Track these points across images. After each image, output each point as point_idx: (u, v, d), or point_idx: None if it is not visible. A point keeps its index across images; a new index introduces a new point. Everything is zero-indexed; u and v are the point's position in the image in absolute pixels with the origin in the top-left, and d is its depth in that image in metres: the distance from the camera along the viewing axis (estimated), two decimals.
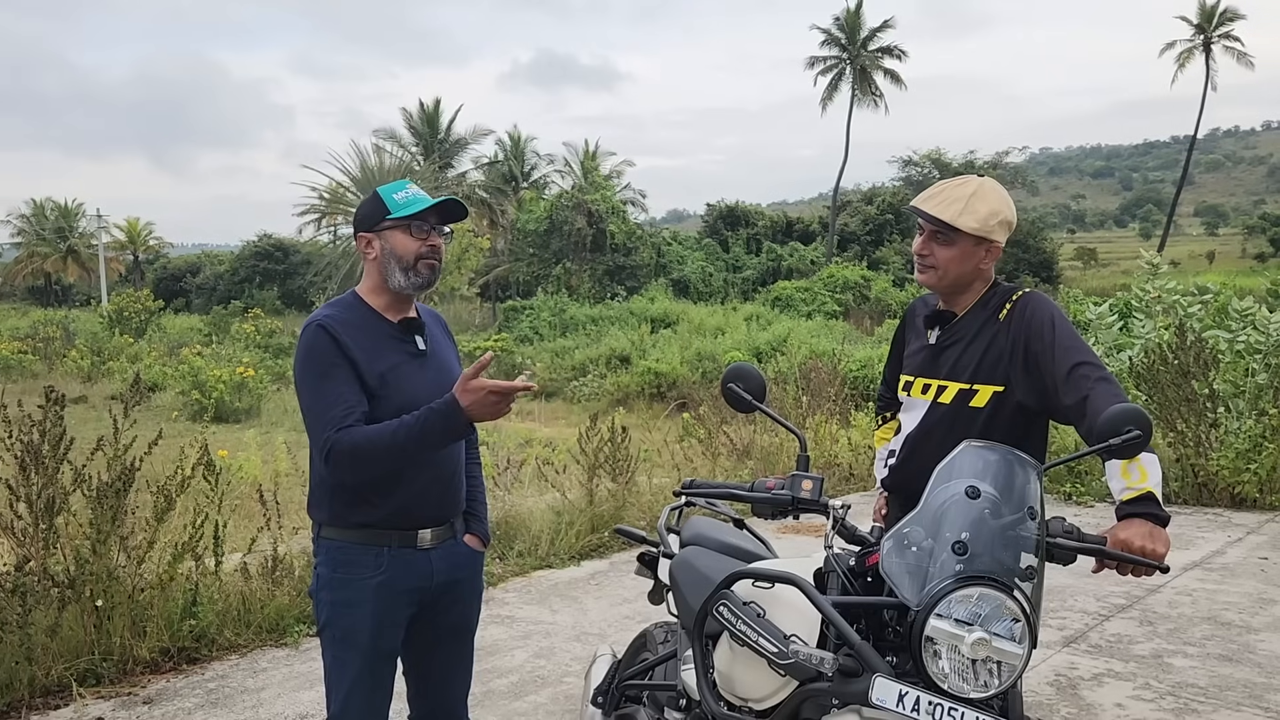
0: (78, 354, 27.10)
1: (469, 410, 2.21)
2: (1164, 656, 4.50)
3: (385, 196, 2.47)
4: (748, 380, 2.35)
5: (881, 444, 2.79)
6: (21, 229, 65.28)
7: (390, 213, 2.44)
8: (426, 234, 2.46)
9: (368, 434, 2.26)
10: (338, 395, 2.31)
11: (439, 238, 2.49)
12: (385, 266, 2.45)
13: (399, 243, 2.44)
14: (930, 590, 1.72)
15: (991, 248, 2.44)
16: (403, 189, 2.48)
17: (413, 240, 2.44)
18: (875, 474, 2.80)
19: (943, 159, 50.15)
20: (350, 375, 2.34)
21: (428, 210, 2.44)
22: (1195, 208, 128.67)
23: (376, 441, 2.25)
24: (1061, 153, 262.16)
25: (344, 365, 2.34)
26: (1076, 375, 2.23)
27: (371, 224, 2.47)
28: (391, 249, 2.44)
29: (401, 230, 2.44)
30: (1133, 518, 2.02)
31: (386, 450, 2.26)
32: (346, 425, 2.27)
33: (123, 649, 4.41)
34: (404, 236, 2.44)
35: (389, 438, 2.25)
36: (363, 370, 2.36)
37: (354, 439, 2.26)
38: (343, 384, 2.32)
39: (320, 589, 2.47)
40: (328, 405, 2.30)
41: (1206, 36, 52.33)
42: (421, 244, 2.45)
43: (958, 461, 1.90)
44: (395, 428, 2.25)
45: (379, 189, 2.49)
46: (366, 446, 2.26)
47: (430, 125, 48.89)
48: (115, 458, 4.39)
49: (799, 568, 1.99)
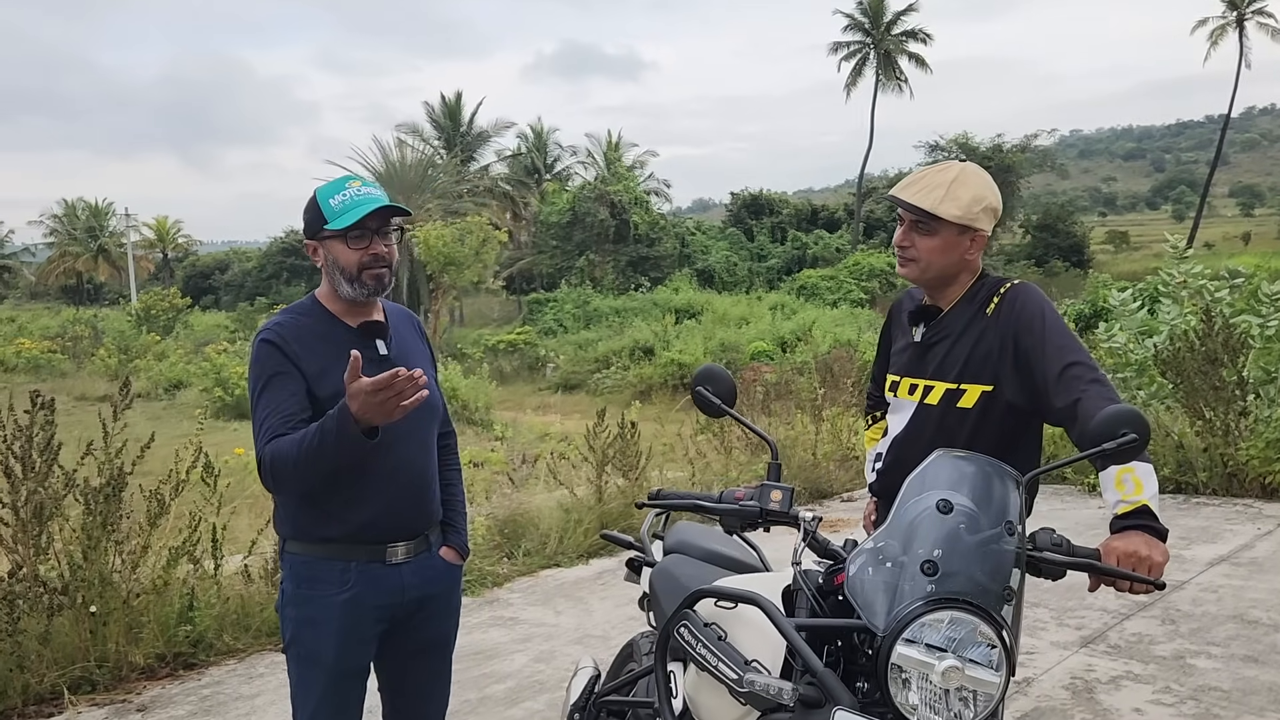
0: (105, 353, 27.40)
1: (359, 415, 2.01)
2: (1186, 658, 4.32)
3: (322, 202, 2.30)
4: (717, 383, 2.22)
5: (871, 445, 2.65)
6: (54, 229, 66.11)
7: (327, 221, 2.29)
8: (367, 242, 2.29)
9: (281, 445, 2.14)
10: (275, 406, 2.19)
11: (382, 243, 2.32)
12: (331, 275, 2.33)
13: (339, 254, 2.30)
14: (898, 613, 1.59)
15: (977, 237, 2.28)
16: (340, 190, 2.31)
17: (352, 251, 2.29)
18: (866, 477, 2.65)
19: (970, 143, 49.41)
20: (294, 385, 2.22)
21: (366, 216, 2.28)
22: (1230, 188, 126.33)
23: (286, 453, 2.12)
24: (1092, 134, 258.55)
25: (288, 375, 2.22)
26: (1068, 376, 2.08)
27: (313, 232, 2.33)
28: (334, 260, 2.31)
29: (339, 241, 2.29)
30: (1128, 530, 1.87)
31: (295, 462, 2.11)
32: (278, 435, 2.15)
33: (117, 655, 4.36)
34: (343, 248, 2.29)
35: (295, 449, 2.11)
36: (315, 381, 2.24)
37: (274, 450, 2.14)
38: (282, 394, 2.21)
39: (285, 605, 2.36)
40: (264, 416, 2.19)
41: (1240, 13, 51.20)
42: (363, 253, 2.29)
43: (929, 472, 1.75)
44: (300, 439, 2.11)
45: (317, 191, 2.33)
46: (279, 459, 2.13)
47: (452, 118, 48.93)
48: (107, 461, 4.32)
49: (769, 585, 1.86)
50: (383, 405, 2.00)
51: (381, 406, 2.00)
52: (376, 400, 1.98)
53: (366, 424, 2.03)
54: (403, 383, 1.98)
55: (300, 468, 2.11)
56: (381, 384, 1.97)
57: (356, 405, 2.00)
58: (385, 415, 2.02)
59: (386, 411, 2.01)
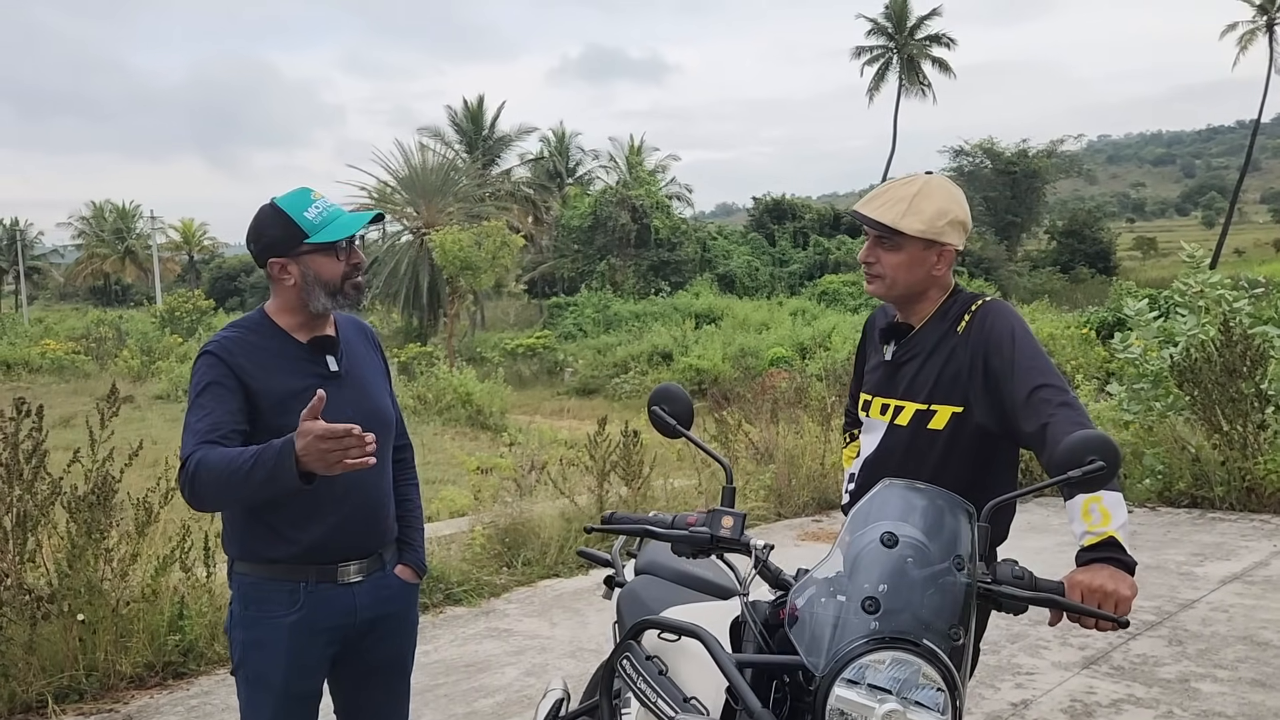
0: (128, 354, 27.63)
1: (302, 455, 1.89)
2: (1191, 680, 4.20)
3: (295, 216, 2.23)
4: (674, 403, 2.14)
5: (849, 465, 2.56)
6: (82, 231, 67.04)
7: (308, 235, 2.22)
8: (348, 251, 2.27)
9: (210, 457, 2.03)
10: (205, 411, 2.11)
11: (358, 251, 2.30)
12: (307, 291, 2.25)
13: (323, 267, 2.24)
14: (837, 652, 1.51)
15: (944, 251, 2.20)
16: (309, 204, 2.25)
17: (337, 263, 2.25)
18: (841, 498, 2.57)
19: (995, 148, 48.98)
20: (229, 397, 2.15)
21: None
22: (1262, 194, 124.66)
23: (213, 467, 2.01)
24: (1120, 140, 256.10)
25: (224, 386, 2.15)
26: (1037, 398, 1.99)
27: (287, 248, 2.24)
28: (315, 274, 2.24)
29: (322, 254, 2.23)
30: (1094, 563, 1.78)
31: (219, 480, 2.01)
32: (205, 442, 2.06)
33: (106, 664, 4.34)
34: (327, 260, 2.24)
35: (223, 466, 2.00)
36: (259, 397, 2.18)
37: (201, 462, 2.03)
38: (214, 401, 2.13)
39: (233, 627, 2.31)
40: (194, 420, 2.11)
41: (1270, 17, 50.49)
42: (346, 264, 2.26)
43: (875, 502, 1.67)
44: (232, 458, 2.01)
45: (284, 206, 2.24)
46: (203, 469, 2.02)
47: (474, 122, 49.08)
48: (94, 469, 4.30)
49: (718, 616, 1.79)
50: (325, 455, 1.88)
51: (324, 456, 1.88)
52: (322, 447, 1.88)
53: (305, 468, 1.92)
54: (354, 440, 1.88)
55: (223, 488, 2.01)
56: (334, 433, 1.87)
57: (302, 445, 1.90)
58: (325, 466, 1.90)
59: (328, 463, 1.89)
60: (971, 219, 2.24)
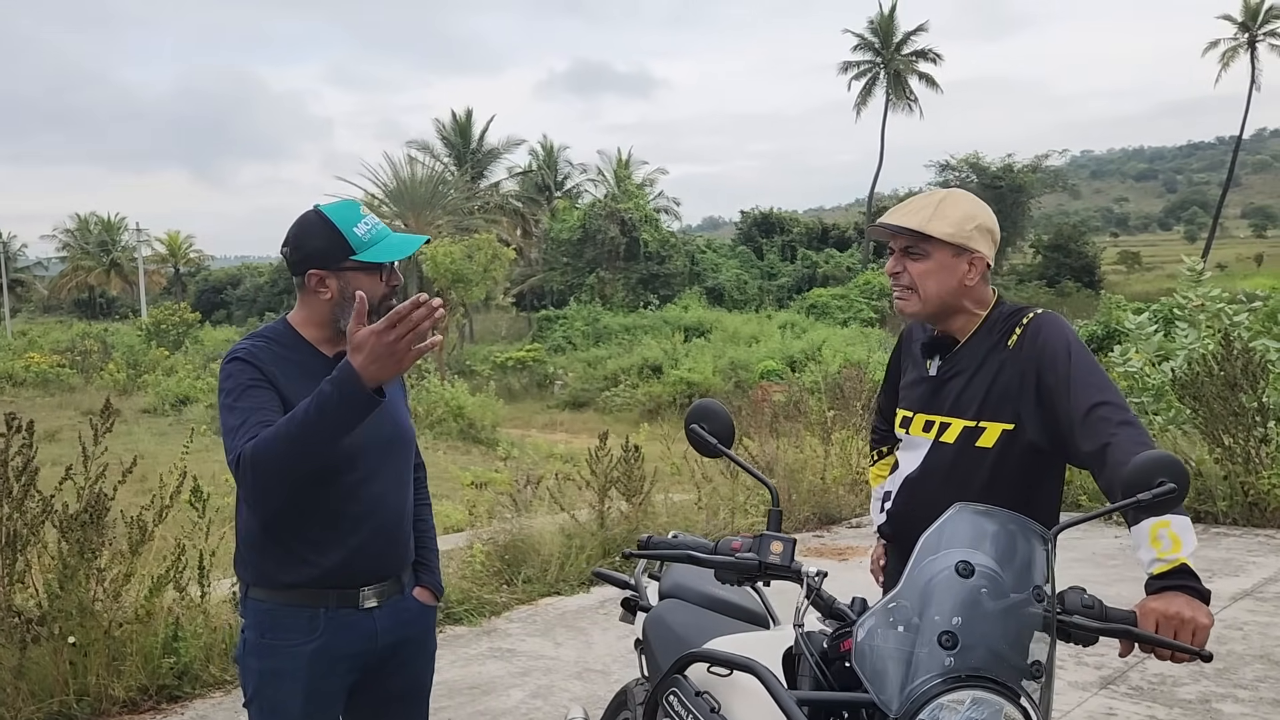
0: (114, 367, 27.37)
1: (365, 370, 1.77)
2: (1212, 701, 4.12)
3: (344, 229, 2.12)
4: (714, 421, 2.05)
5: (878, 482, 2.48)
6: (66, 243, 66.49)
7: (355, 252, 2.11)
8: (390, 273, 2.17)
9: (266, 435, 1.92)
10: (250, 412, 1.99)
11: (398, 273, 2.21)
12: (343, 308, 2.12)
13: (364, 285, 2.11)
14: (912, 691, 1.41)
15: (975, 260, 2.12)
16: (359, 219, 2.14)
17: (380, 284, 2.14)
18: (872, 518, 2.48)
19: (980, 163, 49.17)
20: (270, 396, 2.04)
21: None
22: (1242, 209, 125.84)
23: (275, 438, 1.89)
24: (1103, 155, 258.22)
25: (263, 387, 2.05)
26: (1095, 417, 1.90)
27: (330, 262, 2.12)
28: (354, 292, 2.09)
29: (365, 274, 2.12)
30: (1166, 591, 1.69)
31: (285, 443, 1.88)
32: (254, 437, 1.95)
33: (98, 688, 4.20)
34: (370, 280, 2.13)
35: (284, 428, 1.89)
36: (288, 405, 2.06)
37: (256, 443, 1.91)
38: (256, 401, 2.02)
39: (246, 656, 2.17)
40: (240, 421, 1.99)
41: (1251, 35, 51.00)
42: (386, 285, 2.16)
43: (947, 528, 1.57)
44: (289, 417, 1.89)
45: (332, 217, 2.13)
46: (264, 447, 1.90)
47: (463, 135, 49.00)
48: (86, 486, 4.17)
49: (768, 647, 1.69)
50: (393, 348, 1.74)
51: (392, 350, 1.74)
52: (389, 340, 1.74)
53: (373, 380, 1.80)
54: (422, 314, 1.73)
55: (292, 450, 1.88)
56: (398, 317, 1.72)
57: (361, 358, 1.77)
58: (396, 364, 1.76)
59: (398, 357, 1.76)
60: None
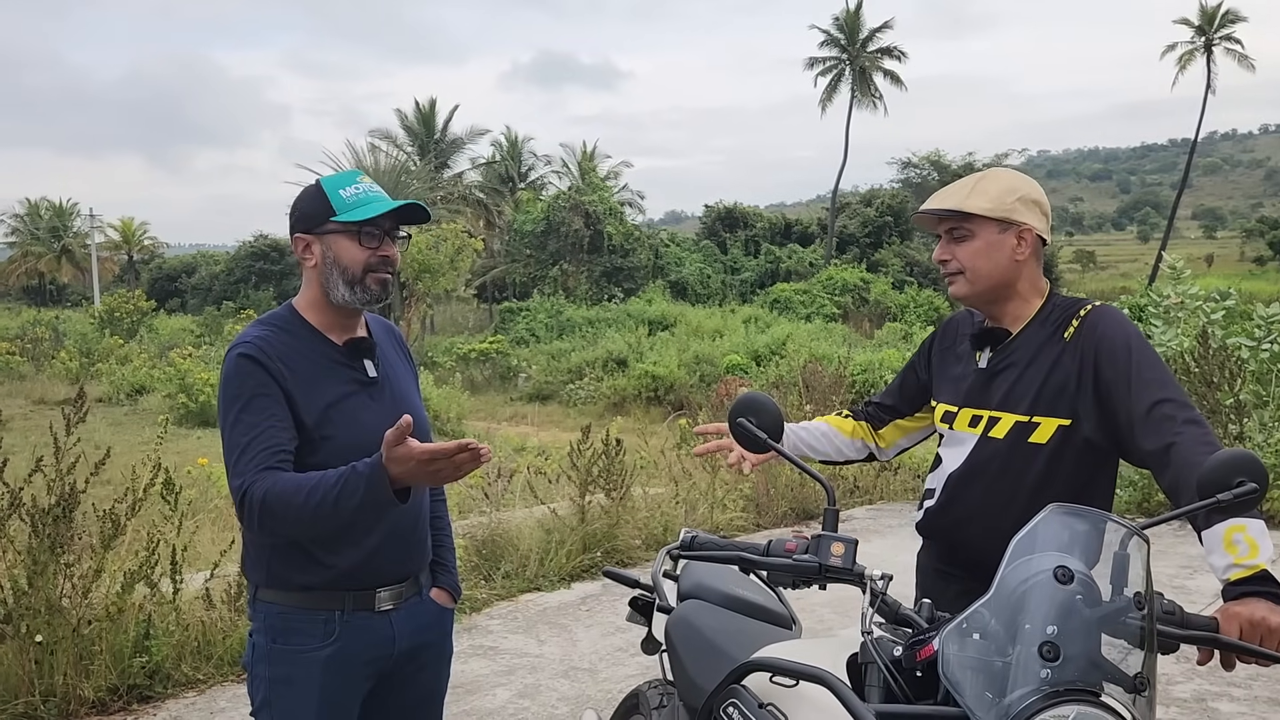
0: (66, 356, 26.67)
1: (399, 478, 1.74)
2: (1208, 700, 4.11)
3: (330, 191, 2.02)
4: (761, 414, 1.94)
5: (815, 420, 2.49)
6: (15, 228, 64.79)
7: (336, 213, 2.01)
8: (378, 242, 2.03)
9: (283, 490, 1.82)
10: (259, 433, 1.88)
11: (393, 246, 2.06)
12: (326, 276, 2.03)
13: (344, 250, 2.01)
14: (1010, 705, 1.32)
15: (1023, 233, 2.05)
16: (353, 182, 2.04)
17: (361, 250, 2.02)
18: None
19: (942, 161, 49.64)
20: (280, 411, 1.92)
21: (380, 215, 2.01)
22: (1193, 210, 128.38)
23: (290, 501, 1.81)
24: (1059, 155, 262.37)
25: (271, 398, 1.92)
26: (1158, 414, 1.83)
27: (312, 224, 2.03)
28: (335, 257, 2.01)
29: (348, 236, 2.01)
30: (1247, 597, 1.62)
31: (299, 513, 1.81)
32: (268, 468, 1.85)
33: (65, 688, 4.01)
34: (350, 244, 2.01)
35: (303, 498, 1.80)
36: (300, 406, 1.95)
37: (270, 491, 1.82)
38: (266, 418, 1.90)
39: (256, 662, 2.04)
40: (246, 444, 1.88)
41: (1208, 38, 51.88)
42: (371, 254, 2.02)
43: (1040, 531, 1.46)
44: (312, 487, 1.80)
45: (323, 180, 2.05)
46: (276, 503, 1.82)
47: (426, 125, 48.46)
48: (57, 479, 3.98)
49: (831, 654, 1.59)
50: (435, 475, 1.73)
51: (431, 475, 1.73)
52: (429, 470, 1.72)
53: (401, 485, 1.76)
54: (467, 457, 1.69)
55: (304, 522, 1.82)
56: (443, 453, 1.69)
57: (399, 470, 1.73)
58: (434, 483, 1.78)
59: (436, 479, 1.75)
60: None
